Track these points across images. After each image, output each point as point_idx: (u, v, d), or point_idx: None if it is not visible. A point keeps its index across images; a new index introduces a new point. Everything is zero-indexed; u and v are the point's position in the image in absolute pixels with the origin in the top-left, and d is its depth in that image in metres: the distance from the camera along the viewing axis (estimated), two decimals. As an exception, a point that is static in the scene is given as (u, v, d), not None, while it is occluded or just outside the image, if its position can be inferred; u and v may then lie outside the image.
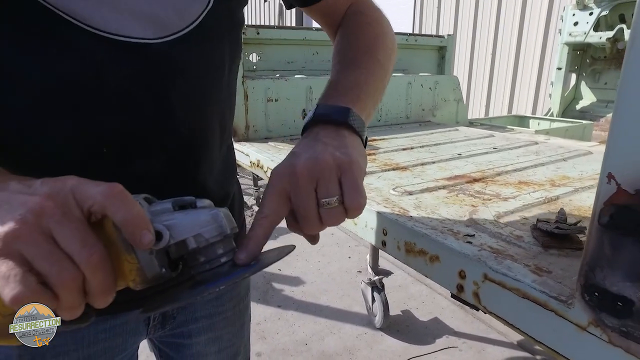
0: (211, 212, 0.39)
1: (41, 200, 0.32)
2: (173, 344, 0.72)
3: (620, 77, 0.37)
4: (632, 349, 0.41)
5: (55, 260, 0.31)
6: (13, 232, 0.30)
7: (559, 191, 0.89)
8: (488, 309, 0.56)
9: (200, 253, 0.39)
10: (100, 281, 0.33)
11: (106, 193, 0.33)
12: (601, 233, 0.42)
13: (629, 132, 0.38)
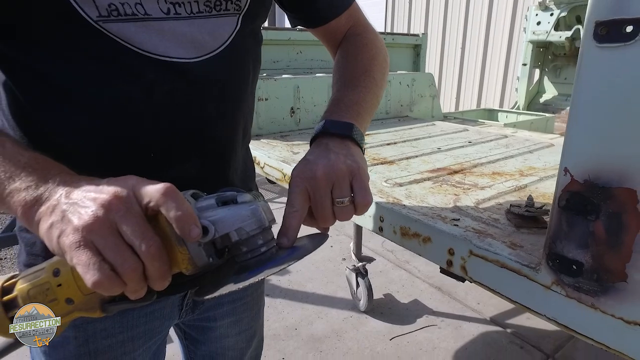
0: (251, 207, 0.43)
1: (109, 198, 0.37)
2: (199, 327, 0.79)
3: (570, 101, 0.50)
4: (582, 299, 0.54)
5: (121, 251, 0.36)
6: (88, 226, 0.36)
7: (526, 180, 1.03)
8: (473, 278, 0.69)
9: (243, 244, 0.44)
10: (157, 269, 0.38)
11: (161, 192, 0.38)
12: (560, 214, 0.55)
13: (578, 140, 0.51)
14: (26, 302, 0.41)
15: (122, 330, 0.63)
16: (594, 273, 0.53)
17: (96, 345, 0.61)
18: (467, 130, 1.79)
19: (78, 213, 0.36)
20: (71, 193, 0.38)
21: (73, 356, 0.61)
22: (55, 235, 0.37)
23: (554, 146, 1.44)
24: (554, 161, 1.23)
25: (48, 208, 0.38)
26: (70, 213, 0.37)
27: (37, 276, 0.42)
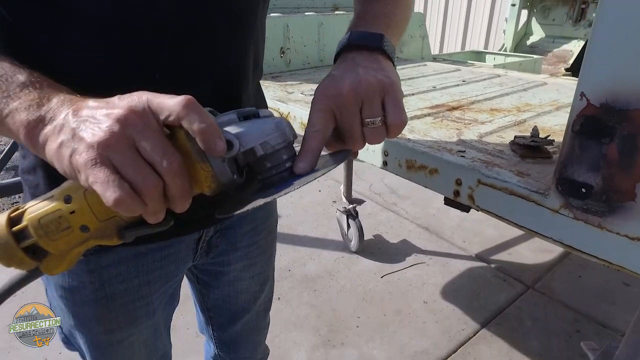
0: (274, 121, 0.41)
1: (124, 112, 0.34)
2: (212, 271, 0.79)
3: (592, 26, 0.49)
4: (590, 220, 0.57)
5: (140, 168, 0.34)
6: (104, 142, 0.33)
7: (525, 115, 1.04)
8: (481, 207, 0.71)
9: (267, 159, 0.41)
10: (179, 187, 0.35)
11: (182, 104, 0.35)
12: (573, 138, 0.56)
13: (596, 64, 0.51)
14: (38, 231, 0.38)
15: (137, 274, 0.63)
16: (603, 194, 0.55)
17: (112, 290, 0.61)
18: (459, 70, 1.77)
19: (91, 129, 0.33)
20: (79, 110, 0.35)
21: (90, 300, 0.61)
22: (67, 154, 0.34)
23: (547, 85, 1.45)
24: (549, 98, 1.24)
25: (55, 127, 0.35)
26: (81, 130, 0.34)
27: (48, 204, 0.39)
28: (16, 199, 2.82)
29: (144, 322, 0.67)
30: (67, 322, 0.64)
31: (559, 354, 1.64)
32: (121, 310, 0.63)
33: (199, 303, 0.87)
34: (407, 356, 1.61)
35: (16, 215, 0.39)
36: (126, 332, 0.66)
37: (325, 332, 1.72)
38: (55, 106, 0.36)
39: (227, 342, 0.91)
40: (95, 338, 0.64)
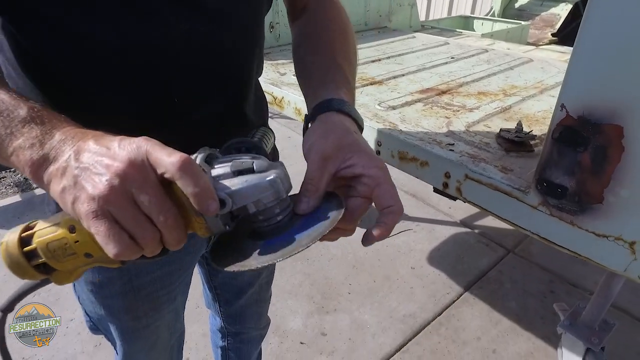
0: (269, 179, 0.41)
1: (124, 167, 0.35)
2: None
3: (574, 44, 0.54)
4: (563, 217, 0.64)
5: (139, 222, 0.36)
6: (105, 196, 0.34)
7: (510, 100, 1.09)
8: (467, 199, 0.77)
9: (260, 214, 0.43)
10: (174, 237, 0.38)
11: (177, 165, 0.36)
12: (552, 144, 0.62)
13: (576, 81, 0.56)
14: (46, 254, 0.41)
15: (160, 267, 0.69)
16: (576, 196, 0.61)
17: (139, 282, 0.67)
18: (447, 44, 1.79)
19: (92, 180, 0.35)
20: (80, 155, 0.37)
21: (119, 293, 0.67)
22: (69, 200, 0.36)
23: (533, 62, 1.49)
24: (534, 79, 1.29)
25: (58, 170, 0.37)
26: (83, 179, 0.35)
27: (54, 230, 0.41)
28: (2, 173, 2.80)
29: (166, 307, 0.74)
30: (96, 312, 0.70)
31: (534, 314, 1.78)
32: (147, 299, 0.69)
33: (207, 282, 0.94)
34: (396, 320, 1.73)
35: (27, 235, 0.42)
36: (152, 318, 0.73)
37: (318, 299, 1.82)
38: (58, 144, 0.38)
39: (233, 315, 0.99)
40: (124, 325, 0.71)
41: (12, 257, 0.42)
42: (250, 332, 1.07)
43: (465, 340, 1.66)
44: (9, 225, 2.24)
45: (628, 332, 1.67)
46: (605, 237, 0.60)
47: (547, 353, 1.61)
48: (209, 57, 0.56)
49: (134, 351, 0.78)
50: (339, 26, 0.66)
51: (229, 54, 0.59)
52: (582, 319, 1.35)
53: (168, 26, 0.51)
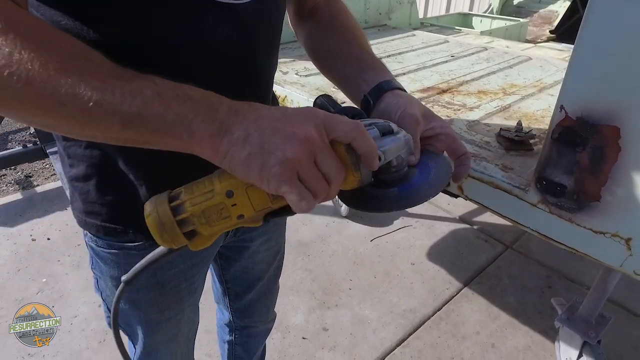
0: (405, 138, 0.49)
1: (308, 133, 0.39)
2: (236, 247, 0.87)
3: (574, 47, 0.56)
4: (562, 215, 0.66)
5: (319, 180, 0.41)
6: (296, 159, 0.39)
7: (510, 99, 1.11)
8: (469, 197, 0.79)
9: (395, 166, 0.50)
10: (336, 191, 0.43)
11: (354, 129, 0.41)
12: (552, 144, 0.64)
13: (575, 83, 0.58)
14: (200, 220, 0.45)
15: (183, 260, 0.71)
16: (574, 194, 0.63)
17: (163, 276, 0.69)
18: (447, 42, 1.81)
19: (280, 146, 0.39)
20: (260, 122, 0.40)
21: (145, 287, 0.69)
22: (257, 164, 0.39)
23: (532, 60, 1.51)
24: (533, 77, 1.31)
25: (238, 138, 0.39)
26: (270, 145, 0.39)
27: (209, 197, 0.45)
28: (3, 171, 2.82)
29: (187, 300, 0.76)
30: (120, 307, 0.72)
31: (532, 308, 1.80)
32: (170, 292, 0.72)
33: (218, 276, 0.96)
34: (396, 315, 1.76)
35: (176, 204, 0.46)
36: (174, 311, 0.75)
37: (320, 295, 1.85)
38: (226, 116, 0.40)
39: (242, 308, 1.02)
40: (149, 318, 0.74)
41: (166, 227, 0.45)
42: (258, 325, 1.09)
43: (464, 334, 1.69)
44: (10, 223, 2.25)
45: (624, 326, 1.70)
46: (602, 233, 0.62)
47: (545, 347, 1.64)
48: (245, 63, 0.58)
49: (155, 343, 0.80)
50: (354, 21, 0.71)
51: (262, 60, 0.61)
52: (579, 313, 1.38)
53: (213, 31, 0.52)
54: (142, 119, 0.39)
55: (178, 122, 0.40)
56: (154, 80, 0.41)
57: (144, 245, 0.64)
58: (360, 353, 1.60)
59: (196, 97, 0.41)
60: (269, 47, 0.62)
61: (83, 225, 0.65)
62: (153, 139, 0.41)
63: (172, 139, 0.41)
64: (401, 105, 0.56)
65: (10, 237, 2.15)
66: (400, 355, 1.60)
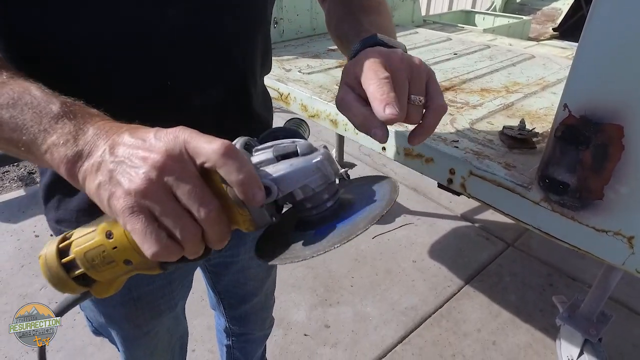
0: (315, 162, 0.38)
1: (161, 158, 0.33)
2: (222, 263, 0.85)
3: (577, 48, 0.56)
4: (565, 213, 0.66)
5: (178, 217, 0.33)
6: (141, 190, 0.32)
7: (513, 97, 1.11)
8: (471, 194, 0.79)
9: (307, 201, 0.40)
10: (217, 232, 0.35)
11: (219, 152, 0.33)
12: (555, 142, 0.64)
13: (578, 81, 0.58)
14: (85, 264, 0.39)
15: (160, 276, 0.69)
16: (577, 192, 0.64)
17: (139, 293, 0.68)
18: (450, 40, 1.80)
19: (128, 174, 0.33)
20: (115, 149, 0.35)
21: (119, 303, 0.67)
22: (105, 197, 0.34)
23: (535, 58, 1.50)
24: (536, 75, 1.30)
25: (92, 166, 0.35)
26: (118, 174, 0.33)
27: (91, 238, 0.39)
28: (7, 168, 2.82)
29: (167, 314, 0.75)
30: (97, 319, 0.72)
31: (533, 306, 1.81)
32: (147, 307, 0.70)
33: (210, 286, 0.96)
34: (398, 312, 1.77)
35: (64, 246, 0.41)
36: (151, 325, 0.74)
37: (322, 292, 1.85)
38: (92, 139, 0.36)
39: (237, 318, 1.01)
40: (125, 333, 0.73)
41: (51, 270, 0.40)
42: (254, 333, 1.09)
43: (465, 332, 1.69)
44: (14, 219, 2.26)
45: (625, 324, 1.71)
46: (605, 232, 0.62)
47: (546, 344, 1.65)
48: (206, 41, 0.55)
49: (136, 357, 0.79)
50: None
51: (228, 38, 0.57)
52: (580, 311, 1.38)
53: (164, 11, 0.50)
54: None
55: (40, 142, 0.37)
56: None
57: None
58: (361, 350, 1.61)
59: (70, 115, 0.37)
60: (240, 30, 0.58)
61: (57, 233, 0.63)
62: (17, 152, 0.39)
63: (39, 162, 0.38)
64: (361, 60, 0.47)
65: (14, 234, 2.16)
66: (401, 353, 1.60)
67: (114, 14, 0.47)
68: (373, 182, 0.47)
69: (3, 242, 2.12)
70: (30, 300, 1.77)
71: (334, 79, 1.29)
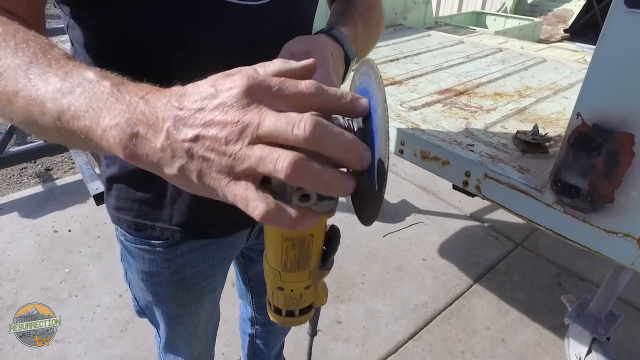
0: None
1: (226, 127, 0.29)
2: (259, 249, 0.90)
3: (591, 57, 0.59)
4: (576, 215, 0.70)
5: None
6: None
7: (525, 102, 1.14)
8: (486, 196, 0.83)
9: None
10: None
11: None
12: (568, 149, 0.68)
13: (591, 92, 0.62)
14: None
15: (204, 260, 0.74)
16: (588, 196, 0.67)
17: (185, 274, 0.73)
18: (462, 43, 1.83)
19: (209, 148, 0.29)
20: (181, 122, 0.30)
21: (167, 282, 0.73)
22: (194, 178, 0.30)
23: (546, 62, 1.53)
24: (547, 80, 1.34)
25: (164, 150, 0.30)
26: (199, 148, 0.29)
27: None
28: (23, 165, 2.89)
29: (207, 297, 0.80)
30: (145, 298, 0.77)
31: (541, 305, 1.84)
32: (191, 289, 0.76)
33: (241, 274, 1.01)
34: (408, 309, 1.80)
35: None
36: (194, 306, 0.79)
37: (334, 289, 1.90)
38: (140, 112, 0.31)
39: (264, 306, 1.06)
40: (170, 311, 0.78)
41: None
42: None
43: (475, 329, 1.73)
44: (33, 215, 2.33)
45: (633, 324, 1.73)
46: (615, 233, 0.66)
47: (554, 343, 1.68)
48: (259, 57, 0.56)
49: (177, 335, 0.85)
50: (368, 2, 0.67)
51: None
52: (589, 311, 1.41)
53: (227, 32, 0.53)
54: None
55: (87, 125, 0.33)
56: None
57: (168, 242, 0.68)
58: (373, 346, 1.65)
59: (117, 94, 0.33)
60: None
61: (116, 221, 0.69)
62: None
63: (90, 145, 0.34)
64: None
65: (34, 229, 2.23)
66: (412, 349, 1.64)
67: (176, 26, 0.50)
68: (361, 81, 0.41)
69: (24, 237, 2.18)
70: (51, 293, 1.83)
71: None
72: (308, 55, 0.45)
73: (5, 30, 0.39)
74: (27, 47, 0.38)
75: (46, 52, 0.38)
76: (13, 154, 2.63)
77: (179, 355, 0.90)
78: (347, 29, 0.56)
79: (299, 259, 0.41)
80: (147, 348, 1.63)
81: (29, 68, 0.36)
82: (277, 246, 0.40)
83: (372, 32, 0.65)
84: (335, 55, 0.51)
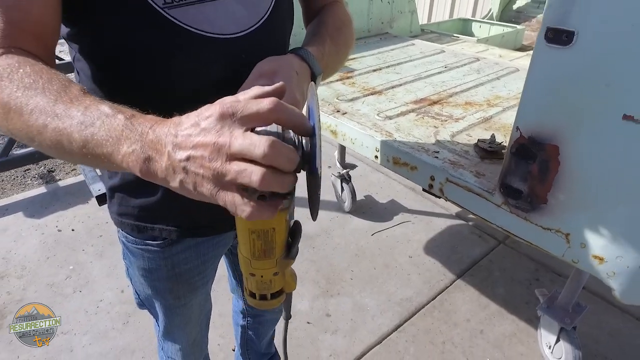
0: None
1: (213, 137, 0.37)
2: None
3: (524, 84, 0.71)
4: (519, 214, 0.81)
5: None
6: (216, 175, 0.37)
7: (492, 111, 1.25)
8: (448, 197, 0.94)
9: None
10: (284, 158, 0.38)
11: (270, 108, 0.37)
12: (511, 157, 0.79)
13: (527, 109, 0.73)
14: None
15: (197, 257, 0.83)
16: (528, 198, 0.79)
17: (180, 270, 0.82)
18: (443, 52, 1.94)
19: (199, 165, 0.37)
20: (177, 147, 0.37)
21: (165, 277, 0.82)
22: (191, 188, 0.38)
23: (519, 71, 1.65)
24: (516, 89, 1.45)
25: (167, 168, 0.38)
26: (191, 166, 0.37)
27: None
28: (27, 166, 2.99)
29: (200, 290, 0.90)
30: (145, 292, 0.87)
31: (520, 299, 1.95)
32: (185, 283, 0.85)
33: (232, 270, 1.11)
34: (393, 303, 1.92)
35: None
36: (188, 298, 0.89)
37: (323, 284, 2.01)
38: (154, 142, 0.39)
39: None
40: (167, 303, 0.88)
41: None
42: (266, 315, 1.24)
43: (456, 321, 1.84)
44: (37, 215, 2.43)
45: (602, 315, 1.85)
46: (549, 229, 0.77)
47: (529, 334, 1.79)
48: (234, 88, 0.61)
49: (174, 324, 0.94)
50: (339, 19, 0.74)
51: None
52: (557, 302, 1.53)
53: (209, 66, 0.58)
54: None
55: (109, 151, 0.41)
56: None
57: (166, 242, 0.76)
58: (359, 337, 1.76)
59: (130, 126, 0.41)
60: None
61: (119, 224, 0.77)
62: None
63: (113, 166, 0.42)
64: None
65: (38, 228, 2.33)
66: (396, 340, 1.76)
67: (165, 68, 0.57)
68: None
69: (29, 235, 2.28)
70: (57, 289, 1.94)
71: (335, 92, 1.44)
72: (275, 74, 0.53)
73: (34, 71, 0.46)
74: (51, 86, 0.45)
75: (67, 89, 0.45)
76: (17, 157, 2.73)
77: (176, 342, 0.99)
78: (315, 49, 0.62)
79: (264, 249, 0.48)
80: (147, 339, 1.73)
81: (55, 104, 0.44)
82: (245, 238, 0.47)
83: (341, 50, 0.72)
84: (300, 73, 0.57)
